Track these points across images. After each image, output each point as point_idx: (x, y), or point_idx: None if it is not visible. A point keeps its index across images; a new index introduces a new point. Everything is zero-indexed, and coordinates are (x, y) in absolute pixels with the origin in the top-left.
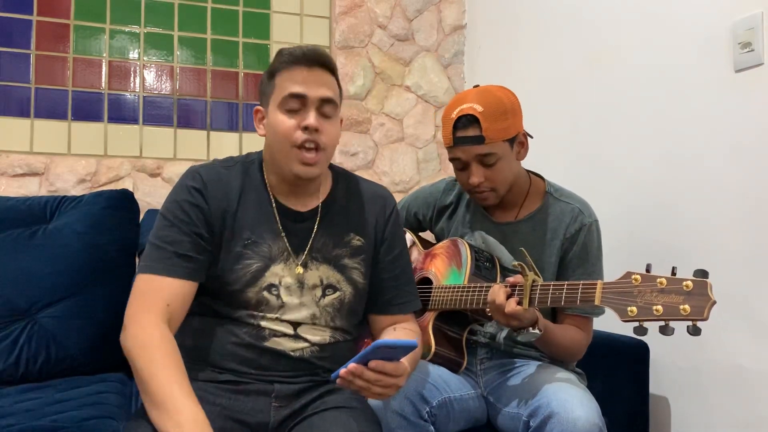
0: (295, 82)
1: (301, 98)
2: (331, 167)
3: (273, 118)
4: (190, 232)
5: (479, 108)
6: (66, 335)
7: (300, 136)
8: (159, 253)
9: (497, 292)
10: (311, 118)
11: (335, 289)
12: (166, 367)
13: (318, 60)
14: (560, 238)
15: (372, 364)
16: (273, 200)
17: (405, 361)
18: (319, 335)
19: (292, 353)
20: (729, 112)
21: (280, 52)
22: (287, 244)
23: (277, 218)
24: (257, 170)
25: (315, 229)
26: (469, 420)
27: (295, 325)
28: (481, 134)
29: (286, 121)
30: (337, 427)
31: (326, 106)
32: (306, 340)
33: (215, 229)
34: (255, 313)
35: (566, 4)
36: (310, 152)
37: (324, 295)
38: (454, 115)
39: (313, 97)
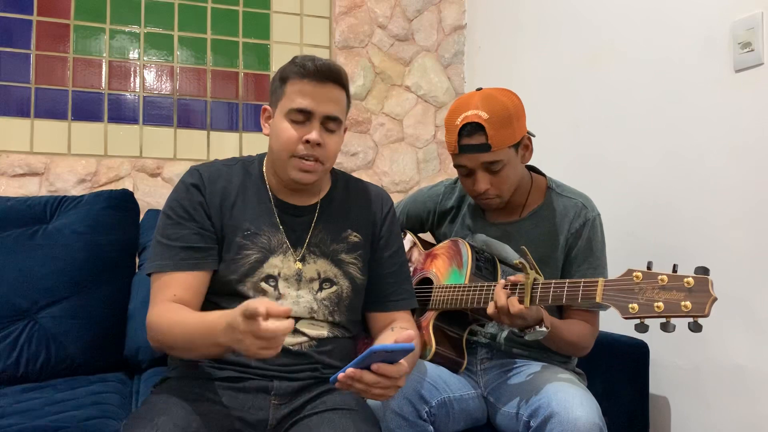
0: (303, 96)
1: (306, 113)
2: (331, 169)
3: (278, 124)
4: (192, 224)
5: (484, 115)
6: (66, 335)
7: (301, 148)
8: (166, 251)
9: (498, 294)
10: (314, 134)
11: (332, 283)
12: (183, 311)
13: (328, 76)
14: (564, 234)
15: (374, 366)
16: (272, 196)
17: (404, 361)
18: (317, 330)
19: (291, 347)
20: (729, 112)
21: (294, 59)
22: (285, 237)
23: (276, 212)
24: (257, 169)
25: (313, 224)
26: (468, 420)
27: (295, 320)
28: (486, 142)
29: (289, 131)
30: (335, 430)
31: (331, 122)
32: (304, 334)
33: (215, 221)
34: None
35: (566, 4)
36: (309, 161)
37: (321, 288)
38: (459, 122)
39: (319, 113)
